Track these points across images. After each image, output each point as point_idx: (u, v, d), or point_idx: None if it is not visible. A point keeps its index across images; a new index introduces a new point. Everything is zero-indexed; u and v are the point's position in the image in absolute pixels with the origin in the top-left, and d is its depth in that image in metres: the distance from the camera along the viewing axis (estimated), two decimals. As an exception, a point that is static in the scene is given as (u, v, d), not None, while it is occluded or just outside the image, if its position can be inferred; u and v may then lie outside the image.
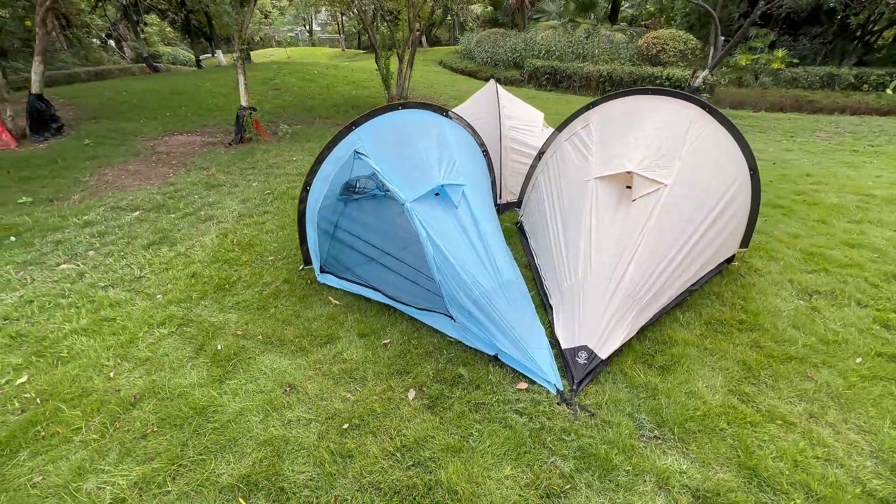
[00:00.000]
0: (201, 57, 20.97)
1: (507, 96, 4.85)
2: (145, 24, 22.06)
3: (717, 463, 1.98)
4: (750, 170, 3.19)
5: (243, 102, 7.02)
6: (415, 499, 1.84)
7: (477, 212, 3.01)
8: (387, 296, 3.01)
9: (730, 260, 3.45)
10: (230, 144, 7.01)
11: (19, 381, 2.47)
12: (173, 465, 2.01)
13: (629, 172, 2.93)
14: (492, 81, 5.08)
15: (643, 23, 18.55)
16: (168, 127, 7.85)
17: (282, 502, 1.85)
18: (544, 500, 1.83)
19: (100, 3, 17.40)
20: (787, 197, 4.93)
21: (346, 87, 12.65)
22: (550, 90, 14.37)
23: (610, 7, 17.88)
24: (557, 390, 2.35)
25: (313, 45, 39.44)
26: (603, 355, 2.46)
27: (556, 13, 17.78)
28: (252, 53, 30.19)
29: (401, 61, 9.53)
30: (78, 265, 3.62)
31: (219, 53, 22.82)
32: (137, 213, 4.67)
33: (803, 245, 3.83)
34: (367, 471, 1.96)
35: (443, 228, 2.82)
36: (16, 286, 3.32)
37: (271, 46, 38.97)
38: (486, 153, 3.92)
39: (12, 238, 4.04)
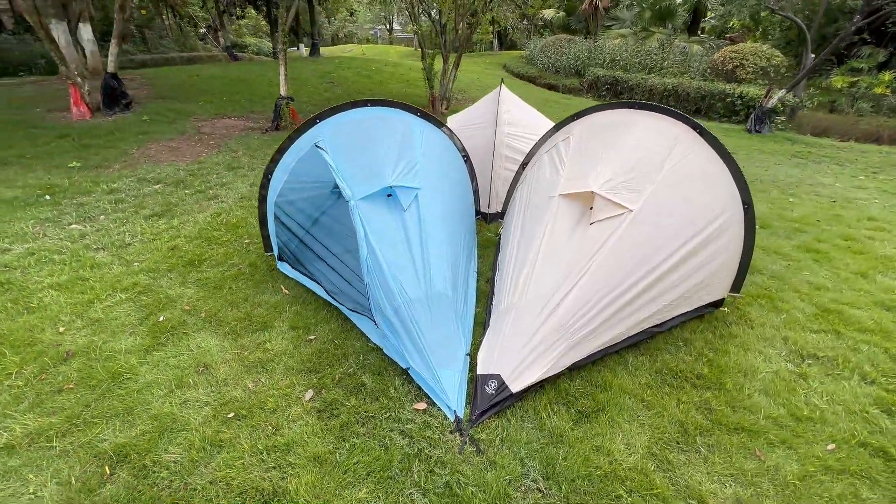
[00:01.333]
0: (288, 49, 22.55)
1: (512, 101, 4.64)
2: (242, 17, 24.19)
3: (593, 535, 1.72)
4: (743, 204, 2.77)
5: (282, 92, 7.40)
6: (255, 503, 1.79)
7: (429, 217, 2.90)
8: (326, 291, 2.99)
9: (717, 304, 3.02)
10: (266, 131, 7.42)
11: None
12: (68, 422, 2.13)
13: (592, 192, 2.66)
14: (501, 85, 4.89)
15: (729, 35, 16.99)
16: (220, 110, 8.49)
17: (138, 478, 1.89)
18: (383, 532, 1.70)
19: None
20: (830, 241, 4.23)
21: (397, 84, 12.90)
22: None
23: (691, 17, 16.59)
24: (456, 417, 2.19)
25: (391, 43, 40.84)
26: (514, 388, 2.24)
27: (630, 21, 16.83)
28: (330, 49, 31.91)
29: (445, 61, 9.51)
30: (85, 227, 4.00)
31: (301, 46, 24.43)
32: (158, 185, 5.08)
33: (823, 299, 3.25)
34: (227, 464, 1.94)
35: (384, 230, 2.74)
36: (28, 239, 3.74)
37: (352, 42, 40.98)
38: (467, 159, 3.77)
39: (47, 196, 4.56)
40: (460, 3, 8.48)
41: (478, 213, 4.18)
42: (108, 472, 1.91)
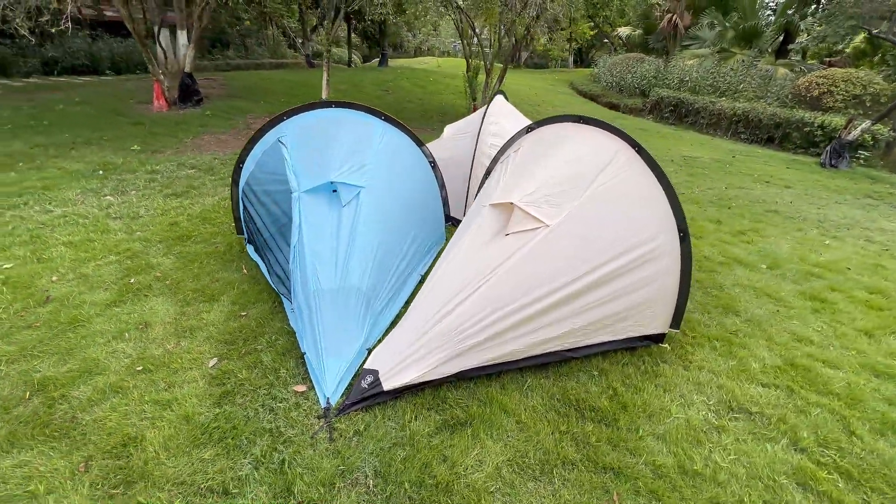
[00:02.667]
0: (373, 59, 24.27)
1: (502, 113, 4.61)
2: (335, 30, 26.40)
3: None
4: (679, 231, 2.54)
5: (323, 95, 8.00)
6: (85, 436, 2.01)
7: (368, 215, 3.01)
8: (269, 273, 3.22)
9: (657, 339, 2.77)
10: (305, 130, 8.05)
11: (5, 266, 3.36)
12: (20, 352, 2.54)
13: (512, 204, 2.61)
14: (497, 96, 4.88)
15: (829, 60, 15.15)
16: (273, 109, 9.35)
17: (44, 406, 2.20)
18: (200, 497, 1.82)
19: (304, 12, 21.40)
20: (848, 291, 3.64)
21: (450, 95, 13.22)
22: (672, 124, 12.80)
23: (781, 38, 15.05)
24: (327, 404, 2.26)
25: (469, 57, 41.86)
26: (386, 386, 2.27)
27: (711, 41, 15.69)
28: (409, 60, 33.44)
29: (487, 74, 9.61)
30: (115, 199, 4.67)
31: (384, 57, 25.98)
32: (192, 171, 5.75)
33: (795, 353, 2.84)
34: (113, 408, 2.20)
35: (319, 222, 2.91)
36: (68, 204, 4.46)
37: (432, 55, 42.59)
38: (434, 165, 3.84)
39: (100, 171, 5.39)
40: (503, 18, 8.55)
41: (449, 218, 4.21)
42: (27, 397, 2.25)
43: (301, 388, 2.38)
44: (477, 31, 9.41)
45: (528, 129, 3.25)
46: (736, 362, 2.72)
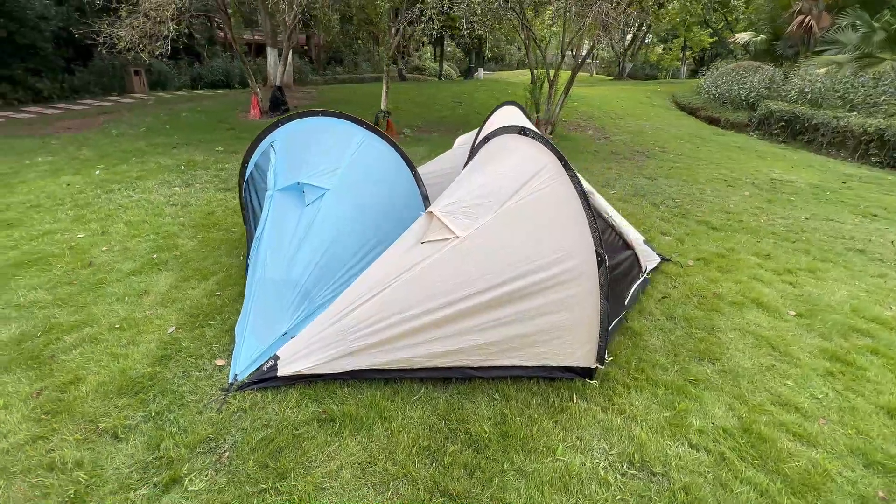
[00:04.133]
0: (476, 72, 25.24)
1: (504, 122, 4.48)
2: (440, 46, 27.91)
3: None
4: (597, 256, 2.28)
5: (382, 106, 8.55)
6: (51, 371, 2.49)
7: (329, 216, 3.24)
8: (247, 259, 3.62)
9: (586, 374, 2.50)
10: (364, 138, 8.69)
11: (78, 235, 4.29)
12: (53, 301, 3.24)
13: (431, 213, 2.60)
14: (499, 107, 4.75)
15: None
16: (346, 119, 10.25)
17: (35, 349, 2.80)
18: (96, 435, 2.18)
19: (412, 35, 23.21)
20: (882, 353, 2.83)
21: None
22: (783, 142, 11.00)
23: (956, 39, 11.89)
24: (233, 380, 2.51)
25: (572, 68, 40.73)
26: (280, 372, 2.44)
27: (853, 45, 13.10)
28: (508, 73, 33.71)
29: (551, 85, 9.34)
30: (180, 189, 5.62)
31: (480, 70, 26.74)
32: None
33: (766, 420, 2.32)
34: (83, 339, 2.71)
35: (282, 218, 3.23)
36: (145, 192, 5.49)
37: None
38: (415, 174, 3.93)
39: (183, 167, 6.51)
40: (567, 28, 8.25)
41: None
42: (38, 335, 2.89)
43: (221, 362, 2.67)
44: (537, 40, 9.20)
45: (484, 141, 3.18)
46: (672, 415, 2.33)
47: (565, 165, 2.44)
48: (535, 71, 9.65)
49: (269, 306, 2.85)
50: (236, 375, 2.53)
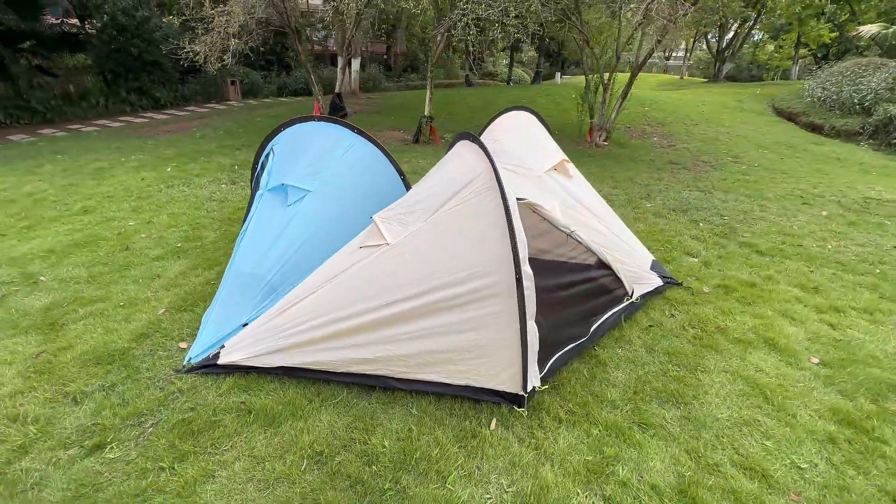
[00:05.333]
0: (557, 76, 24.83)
1: (507, 130, 4.27)
2: (520, 51, 27.74)
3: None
4: (515, 274, 2.08)
5: (426, 112, 8.68)
6: (56, 337, 2.90)
7: (307, 217, 3.40)
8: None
9: (516, 401, 2.31)
10: (407, 143, 8.90)
11: (129, 223, 4.97)
12: (87, 278, 3.80)
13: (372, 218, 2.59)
14: (520, 111, 4.53)
15: None
16: (398, 124, 10.57)
17: (56, 317, 3.29)
18: (61, 396, 2.50)
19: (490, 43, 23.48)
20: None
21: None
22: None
23: None
24: (187, 362, 2.73)
25: (665, 71, 37.75)
26: (220, 361, 2.60)
27: None
28: (580, 77, 32.28)
29: (605, 89, 8.74)
30: (225, 187, 6.24)
31: (557, 75, 26.05)
32: (295, 170, 7.14)
33: (711, 484, 1.94)
34: (77, 318, 3.14)
35: (266, 217, 3.45)
36: (196, 188, 6.18)
37: (620, 71, 39.98)
38: (403, 177, 3.92)
39: (236, 167, 7.21)
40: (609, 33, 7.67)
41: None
42: (64, 305, 3.40)
43: (184, 345, 2.91)
44: (589, 42, 8.63)
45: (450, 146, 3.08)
46: (596, 459, 2.05)
47: (496, 174, 2.27)
48: (590, 75, 9.11)
49: (235, 297, 3.05)
50: (190, 359, 2.74)
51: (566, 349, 2.61)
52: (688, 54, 30.51)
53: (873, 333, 3.05)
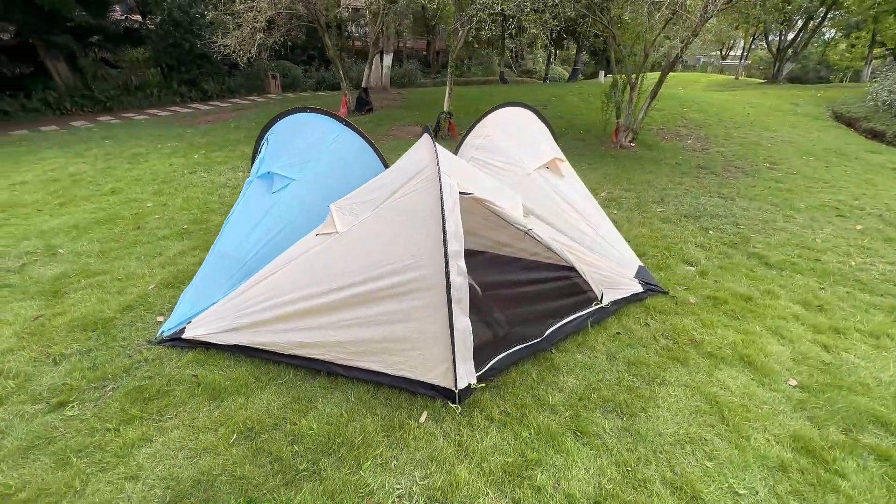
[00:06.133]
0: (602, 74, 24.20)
1: (498, 126, 4.19)
2: (562, 48, 27.14)
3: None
4: (444, 269, 2.05)
5: (445, 107, 8.67)
6: (56, 303, 3.17)
7: (290, 203, 3.52)
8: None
9: (451, 397, 2.29)
10: (426, 138, 8.94)
11: (147, 204, 5.33)
12: (98, 252, 4.13)
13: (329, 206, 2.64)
14: (515, 107, 4.43)
15: None
16: (421, 119, 10.62)
17: (61, 287, 3.59)
18: (44, 357, 2.74)
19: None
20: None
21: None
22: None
23: None
24: (160, 334, 2.91)
25: (720, 71, 35.57)
26: (185, 335, 2.76)
27: None
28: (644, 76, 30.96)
29: (632, 89, 8.37)
30: (243, 174, 6.53)
31: (601, 73, 25.26)
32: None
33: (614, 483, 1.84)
34: (79, 288, 3.41)
35: (252, 203, 3.60)
36: (216, 175, 6.52)
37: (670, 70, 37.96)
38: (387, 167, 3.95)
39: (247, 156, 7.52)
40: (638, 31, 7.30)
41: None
42: (70, 277, 3.72)
43: (161, 318, 3.10)
44: (616, 38, 8.22)
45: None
46: (516, 462, 2.00)
47: (438, 171, 2.25)
48: (618, 75, 8.75)
49: (212, 277, 3.21)
50: (163, 332, 2.92)
51: (514, 349, 2.55)
52: (745, 53, 28.53)
53: (871, 359, 2.77)
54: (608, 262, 3.22)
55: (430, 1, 7.66)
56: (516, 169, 3.93)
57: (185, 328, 2.79)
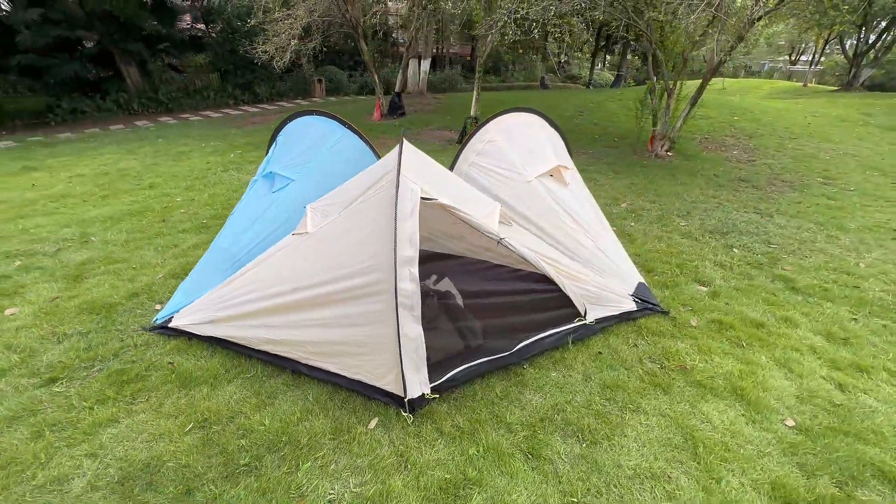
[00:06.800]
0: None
1: (501, 132, 4.08)
2: (608, 53, 26.37)
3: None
4: (395, 265, 2.01)
5: (471, 112, 8.62)
6: (73, 286, 3.44)
7: (283, 202, 3.63)
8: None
9: (403, 405, 2.24)
10: (451, 142, 8.93)
11: (177, 198, 5.69)
12: (124, 240, 4.46)
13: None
14: (523, 113, 4.31)
15: None
16: (450, 124, 10.63)
17: (83, 269, 3.91)
18: (49, 335, 2.97)
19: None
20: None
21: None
22: None
23: None
24: (154, 321, 3.08)
25: (789, 77, 32.93)
26: (171, 324, 2.90)
27: None
28: (686, 83, 29.35)
29: (669, 95, 7.92)
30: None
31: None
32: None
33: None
34: (96, 273, 3.69)
35: (254, 201, 3.76)
36: (247, 174, 6.86)
37: (734, 76, 35.58)
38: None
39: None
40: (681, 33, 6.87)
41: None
42: (90, 261, 4.04)
43: (159, 307, 3.28)
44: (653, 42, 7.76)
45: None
46: (455, 479, 1.92)
47: (398, 176, 2.22)
48: (656, 81, 8.32)
49: (208, 270, 3.36)
50: (157, 320, 3.10)
51: (477, 362, 2.46)
52: (817, 58, 26.29)
53: (891, 404, 2.42)
54: (597, 276, 3.05)
55: (454, 6, 7.64)
56: (516, 176, 3.83)
57: (173, 317, 2.94)
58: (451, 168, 4.13)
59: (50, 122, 12.58)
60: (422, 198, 2.20)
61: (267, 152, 4.50)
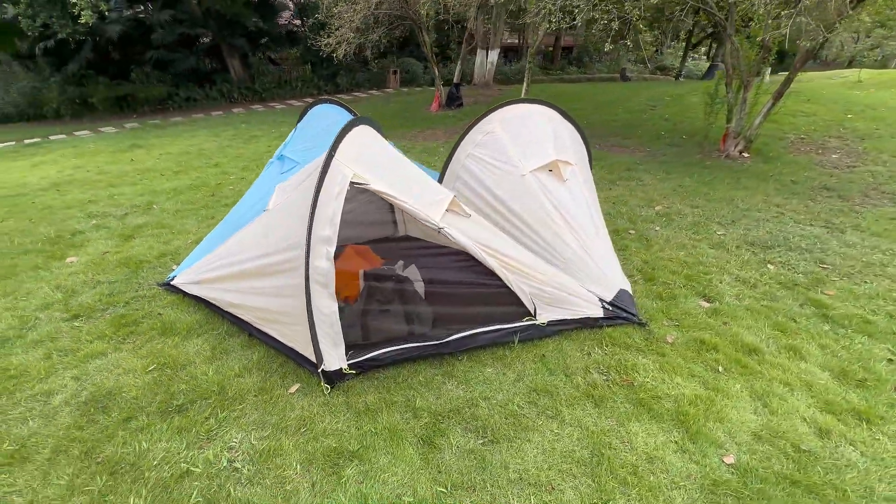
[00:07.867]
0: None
1: (504, 122, 3.94)
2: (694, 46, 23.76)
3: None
4: (306, 244, 2.12)
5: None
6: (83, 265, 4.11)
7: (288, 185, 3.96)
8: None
9: (326, 378, 2.38)
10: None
11: (229, 177, 6.40)
12: (175, 207, 5.18)
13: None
14: (531, 104, 4.12)
15: None
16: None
17: (109, 246, 4.62)
18: (47, 312, 3.60)
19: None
20: None
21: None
22: None
23: None
24: (168, 278, 3.58)
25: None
26: (174, 281, 3.34)
27: None
28: (814, 74, 25.02)
29: (745, 88, 6.95)
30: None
31: (766, 71, 21.43)
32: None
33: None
34: (108, 249, 4.35)
35: (264, 180, 4.14)
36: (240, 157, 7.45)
37: (863, 67, 29.56)
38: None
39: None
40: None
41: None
42: (124, 235, 4.76)
43: (175, 266, 3.79)
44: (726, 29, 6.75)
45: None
46: (339, 450, 2.00)
47: (328, 157, 2.31)
48: (731, 73, 7.33)
49: (214, 238, 3.78)
50: (170, 278, 3.59)
51: (405, 346, 2.50)
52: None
53: (887, 465, 1.99)
54: (564, 277, 2.88)
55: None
56: (511, 169, 3.74)
57: (174, 277, 3.40)
58: (449, 158, 4.14)
59: (169, 107, 14.75)
60: (352, 182, 2.29)
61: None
